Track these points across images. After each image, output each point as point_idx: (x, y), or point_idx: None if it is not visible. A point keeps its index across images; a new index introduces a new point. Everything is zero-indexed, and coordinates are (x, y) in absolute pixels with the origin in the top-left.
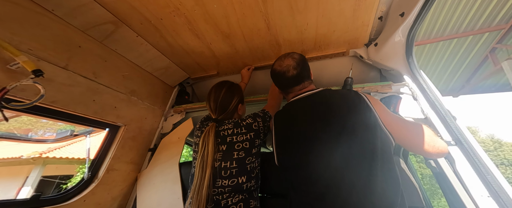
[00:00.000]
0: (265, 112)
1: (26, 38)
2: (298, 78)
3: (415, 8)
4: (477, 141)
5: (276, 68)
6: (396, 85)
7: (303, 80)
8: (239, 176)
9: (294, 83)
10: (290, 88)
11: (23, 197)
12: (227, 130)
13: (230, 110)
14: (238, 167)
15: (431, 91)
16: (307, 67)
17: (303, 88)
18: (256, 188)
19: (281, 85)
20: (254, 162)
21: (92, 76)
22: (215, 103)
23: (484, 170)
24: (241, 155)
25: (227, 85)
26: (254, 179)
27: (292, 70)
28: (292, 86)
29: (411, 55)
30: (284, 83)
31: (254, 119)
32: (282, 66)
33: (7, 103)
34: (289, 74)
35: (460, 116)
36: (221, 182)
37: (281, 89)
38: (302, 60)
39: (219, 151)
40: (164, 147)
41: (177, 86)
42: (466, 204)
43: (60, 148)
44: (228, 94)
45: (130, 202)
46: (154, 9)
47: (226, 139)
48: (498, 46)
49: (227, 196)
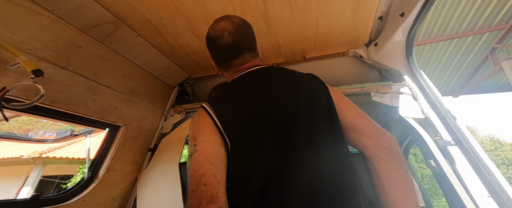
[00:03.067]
0: None
1: (26, 38)
2: (236, 47)
3: (415, 8)
4: (477, 140)
5: (209, 32)
6: (396, 85)
7: (244, 51)
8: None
9: (232, 54)
10: (226, 62)
11: (23, 197)
12: None
13: None
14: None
15: (431, 91)
16: (252, 37)
17: (244, 62)
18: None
19: (216, 56)
20: None
21: (92, 76)
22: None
23: (484, 170)
24: None
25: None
26: None
27: (227, 36)
28: (229, 59)
29: (411, 55)
30: (219, 54)
31: None
32: (216, 30)
33: (7, 103)
34: (224, 41)
35: (460, 116)
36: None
37: (217, 63)
38: (243, 26)
39: None
40: (164, 147)
41: (177, 86)
42: (466, 204)
43: (60, 148)
44: None
45: (130, 202)
46: (154, 9)
47: None
48: (498, 46)
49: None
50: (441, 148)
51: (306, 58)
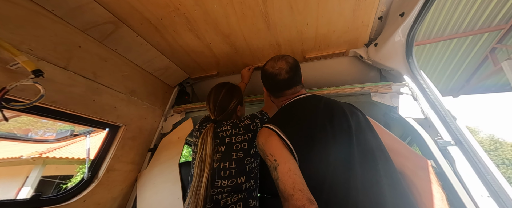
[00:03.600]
0: (263, 113)
1: (26, 38)
2: (290, 82)
3: (415, 8)
4: (477, 141)
5: (267, 69)
6: (396, 85)
7: (296, 84)
8: (238, 177)
9: (286, 87)
10: (280, 92)
11: (23, 197)
12: (225, 131)
13: (229, 111)
14: (237, 167)
15: (431, 91)
16: (300, 73)
17: (295, 92)
18: (256, 187)
19: (271, 87)
20: (253, 163)
21: (92, 76)
22: (214, 104)
23: (484, 170)
24: (240, 155)
25: (227, 86)
26: (253, 179)
27: (284, 74)
28: (283, 90)
29: (411, 55)
30: (275, 86)
31: (252, 120)
32: (274, 68)
33: (7, 103)
34: (281, 78)
35: (460, 116)
36: (220, 183)
37: (271, 92)
38: (295, 65)
39: (218, 152)
40: (164, 147)
41: (177, 86)
42: (466, 204)
43: (60, 148)
44: (227, 96)
45: (130, 202)
46: (154, 9)
47: (225, 140)
48: (498, 46)
49: (227, 196)
50: (441, 148)
51: (306, 58)
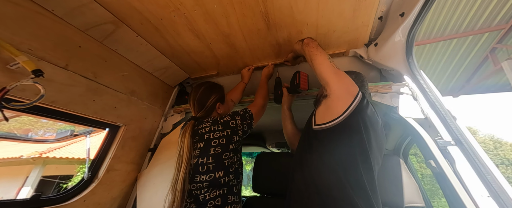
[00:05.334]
0: (246, 111)
1: (26, 38)
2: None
3: (415, 8)
4: (477, 141)
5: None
6: (396, 85)
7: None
8: (216, 171)
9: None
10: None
11: (23, 197)
12: (205, 128)
13: (208, 107)
14: (214, 162)
15: (431, 91)
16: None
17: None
18: (237, 184)
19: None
20: (232, 158)
21: (92, 76)
22: (193, 101)
23: (484, 170)
24: (218, 150)
25: (207, 84)
26: (233, 173)
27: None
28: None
29: (411, 55)
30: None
31: (232, 117)
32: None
33: (7, 103)
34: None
35: (460, 116)
36: (199, 178)
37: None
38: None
39: (197, 148)
40: (164, 147)
41: (177, 86)
42: (466, 204)
43: (60, 148)
44: (206, 92)
45: (130, 202)
46: (154, 9)
47: (204, 136)
48: (498, 46)
49: (205, 192)
50: (441, 148)
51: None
